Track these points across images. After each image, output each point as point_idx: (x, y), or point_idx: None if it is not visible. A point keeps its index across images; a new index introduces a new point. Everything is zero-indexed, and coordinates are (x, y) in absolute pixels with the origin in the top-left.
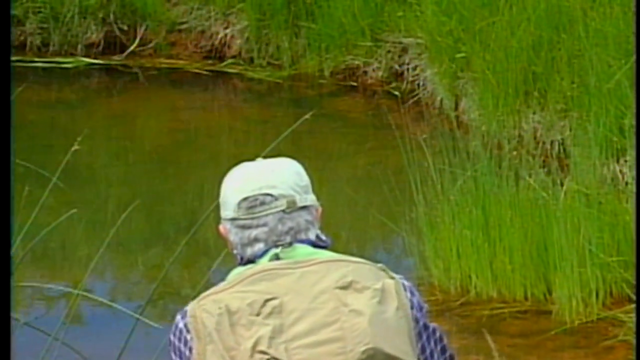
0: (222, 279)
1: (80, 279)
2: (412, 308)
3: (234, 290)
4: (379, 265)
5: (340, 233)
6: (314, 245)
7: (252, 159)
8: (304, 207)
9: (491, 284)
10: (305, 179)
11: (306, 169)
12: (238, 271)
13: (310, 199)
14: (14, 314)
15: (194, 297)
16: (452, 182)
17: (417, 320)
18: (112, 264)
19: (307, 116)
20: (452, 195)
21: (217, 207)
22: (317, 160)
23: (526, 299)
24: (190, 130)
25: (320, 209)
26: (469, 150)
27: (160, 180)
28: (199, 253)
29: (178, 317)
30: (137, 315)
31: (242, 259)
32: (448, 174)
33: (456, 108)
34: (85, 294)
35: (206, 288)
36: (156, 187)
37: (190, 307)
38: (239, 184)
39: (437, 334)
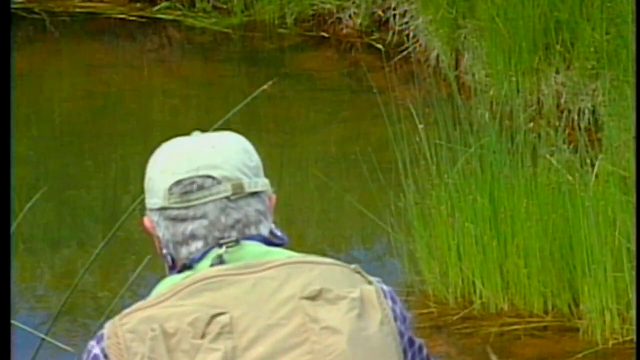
0: (151, 289)
1: None
2: (395, 319)
3: (169, 305)
4: (353, 266)
5: (308, 228)
6: (267, 242)
7: (191, 133)
8: (253, 194)
9: (501, 293)
10: (255, 158)
11: (264, 145)
12: (171, 280)
13: (262, 183)
14: None
15: (114, 313)
16: (450, 162)
17: (401, 335)
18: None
19: (266, 86)
20: (451, 179)
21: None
22: (278, 134)
23: (546, 312)
24: (113, 94)
25: (274, 197)
26: (472, 121)
27: (74, 159)
28: (124, 254)
29: (92, 342)
30: (42, 335)
31: (174, 262)
32: (446, 151)
33: (456, 66)
34: None
35: (131, 300)
36: (68, 168)
37: (109, 328)
38: (170, 164)
39: (424, 353)
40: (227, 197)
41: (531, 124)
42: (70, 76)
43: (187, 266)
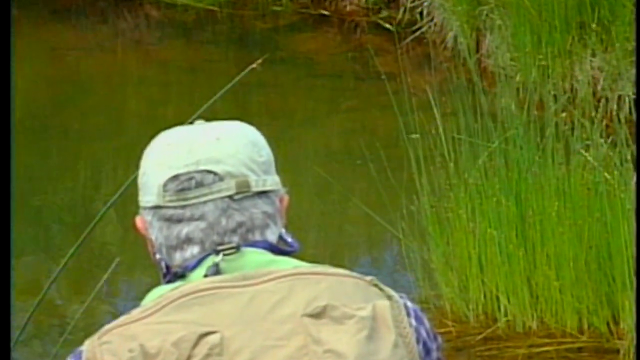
0: (135, 305)
1: None
2: (418, 342)
3: (153, 321)
4: (369, 278)
5: (306, 235)
6: (274, 250)
7: (173, 125)
8: (261, 194)
9: (529, 310)
10: (265, 153)
11: None
12: (159, 291)
13: (272, 181)
14: None
15: (81, 325)
16: (471, 159)
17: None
18: None
19: (255, 64)
20: (472, 178)
21: (123, 198)
22: (271, 127)
23: (581, 331)
24: (82, 82)
25: (286, 198)
26: (495, 112)
27: (37, 158)
28: (95, 265)
29: (69, 358)
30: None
31: (168, 269)
32: (465, 146)
33: (477, 49)
34: None
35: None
36: (31, 169)
37: (87, 347)
38: (167, 157)
39: None
40: (230, 197)
41: (563, 115)
42: (32, 62)
43: (180, 275)
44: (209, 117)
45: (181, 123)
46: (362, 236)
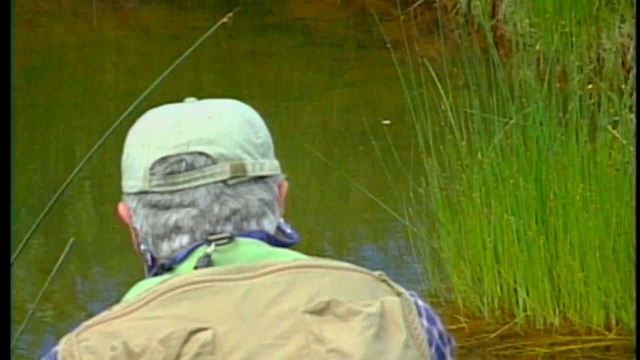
0: (116, 298)
1: None
2: (430, 344)
3: (138, 317)
4: (377, 273)
5: (303, 222)
6: (270, 242)
7: (155, 99)
8: (258, 179)
9: (551, 305)
10: (263, 134)
11: None
12: (144, 285)
13: (270, 165)
14: None
15: (37, 315)
16: (486, 137)
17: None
18: None
19: (226, 19)
20: (486, 158)
21: (91, 177)
22: (264, 101)
23: (608, 328)
24: (52, 51)
25: (285, 184)
26: (513, 84)
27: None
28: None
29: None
30: None
31: (153, 261)
32: (479, 122)
33: (493, 14)
34: None
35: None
36: None
37: (64, 346)
38: (154, 137)
39: None
40: (224, 181)
41: (589, 87)
42: None
43: (167, 267)
44: (193, 90)
45: (164, 97)
46: (365, 224)
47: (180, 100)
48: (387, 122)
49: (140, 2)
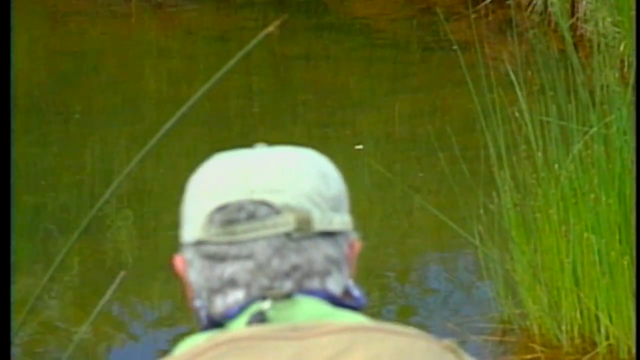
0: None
1: None
2: None
3: None
4: (446, 342)
5: (364, 238)
6: (334, 302)
7: (201, 106)
8: (326, 234)
9: (636, 332)
10: (335, 187)
11: (299, 125)
12: (191, 341)
13: (341, 221)
14: None
15: (81, 347)
16: (564, 147)
17: None
18: None
19: (272, 27)
20: (564, 171)
21: (128, 196)
22: (319, 109)
23: None
24: (88, 54)
25: (358, 244)
26: (594, 89)
27: (34, 146)
28: (99, 275)
29: None
30: None
31: (209, 318)
32: (556, 131)
33: (572, 13)
34: None
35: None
36: (26, 158)
37: None
38: (216, 183)
39: None
40: (287, 234)
41: None
42: (28, 30)
43: (218, 324)
44: (245, 94)
45: (210, 105)
46: (430, 243)
47: (229, 108)
48: (359, 147)
49: (183, 0)
